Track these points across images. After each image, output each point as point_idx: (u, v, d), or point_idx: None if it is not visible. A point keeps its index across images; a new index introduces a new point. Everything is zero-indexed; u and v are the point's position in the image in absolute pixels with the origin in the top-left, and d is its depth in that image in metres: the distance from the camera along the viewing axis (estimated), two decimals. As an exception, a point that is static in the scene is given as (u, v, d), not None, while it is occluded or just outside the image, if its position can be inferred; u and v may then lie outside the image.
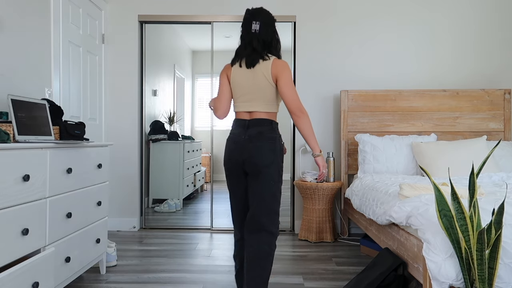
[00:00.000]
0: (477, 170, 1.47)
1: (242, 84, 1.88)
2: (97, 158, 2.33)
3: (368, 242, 2.94)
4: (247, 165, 1.84)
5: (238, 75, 1.90)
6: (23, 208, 1.64)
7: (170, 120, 3.90)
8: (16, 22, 2.34)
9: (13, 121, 1.83)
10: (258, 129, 1.84)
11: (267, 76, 1.85)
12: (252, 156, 1.81)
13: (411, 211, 1.81)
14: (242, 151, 1.83)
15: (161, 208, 3.86)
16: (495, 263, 1.35)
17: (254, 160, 1.81)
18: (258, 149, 1.81)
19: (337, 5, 3.65)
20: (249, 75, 1.87)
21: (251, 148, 1.82)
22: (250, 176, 1.85)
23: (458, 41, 3.64)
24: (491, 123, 3.47)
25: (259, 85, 1.85)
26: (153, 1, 3.64)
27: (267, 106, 1.88)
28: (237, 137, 1.87)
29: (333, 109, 3.66)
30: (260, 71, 1.85)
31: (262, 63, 1.86)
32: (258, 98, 1.86)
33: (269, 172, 1.81)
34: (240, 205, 1.95)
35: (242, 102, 1.89)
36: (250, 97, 1.87)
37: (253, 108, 1.87)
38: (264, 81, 1.85)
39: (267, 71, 1.85)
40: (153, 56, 3.77)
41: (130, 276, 2.45)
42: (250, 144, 1.82)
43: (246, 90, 1.87)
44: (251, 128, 1.84)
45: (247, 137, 1.84)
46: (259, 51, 1.86)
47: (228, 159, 1.90)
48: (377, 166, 3.18)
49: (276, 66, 1.85)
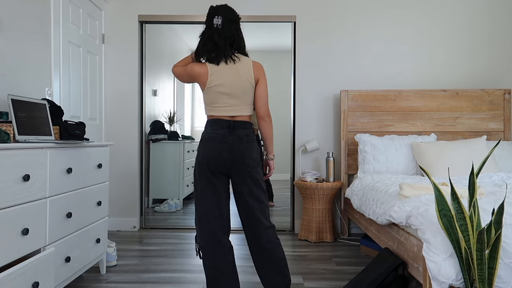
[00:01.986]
0: (477, 170, 1.47)
1: (224, 87, 1.80)
2: (97, 158, 2.33)
3: (368, 242, 2.94)
4: (236, 165, 1.78)
5: (219, 76, 1.80)
6: (23, 208, 1.64)
7: (170, 120, 3.90)
8: (16, 22, 2.34)
9: (13, 121, 1.83)
10: (244, 132, 1.81)
11: (249, 78, 1.81)
12: (244, 157, 1.78)
13: (411, 211, 1.81)
14: (232, 151, 1.77)
15: (161, 208, 3.86)
16: (495, 263, 1.35)
17: (246, 161, 1.79)
18: (249, 151, 1.80)
19: (337, 5, 3.65)
20: (232, 77, 1.80)
21: (242, 150, 1.78)
22: (238, 177, 1.81)
23: (458, 41, 3.64)
24: (491, 123, 3.47)
25: (244, 88, 1.81)
26: (153, 1, 3.64)
27: (249, 109, 1.86)
28: (222, 137, 1.78)
29: (333, 109, 3.66)
30: (243, 73, 1.81)
31: (241, 63, 1.82)
32: (242, 102, 1.82)
33: (258, 172, 1.83)
34: (219, 205, 1.83)
35: (224, 106, 1.81)
36: (234, 102, 1.81)
37: (237, 113, 1.82)
38: (247, 83, 1.81)
39: (250, 73, 1.82)
40: (153, 56, 3.77)
41: (130, 276, 2.45)
42: (240, 145, 1.78)
43: (229, 93, 1.80)
44: (237, 130, 1.79)
45: (236, 138, 1.78)
46: (222, 47, 1.80)
47: (214, 158, 1.77)
48: (377, 166, 3.18)
49: (257, 68, 1.84)
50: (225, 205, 1.84)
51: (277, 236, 1.86)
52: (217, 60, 1.80)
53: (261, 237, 1.81)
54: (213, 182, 1.81)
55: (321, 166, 3.66)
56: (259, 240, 1.81)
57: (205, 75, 1.80)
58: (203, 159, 1.79)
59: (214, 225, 1.80)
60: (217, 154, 1.77)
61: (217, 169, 1.79)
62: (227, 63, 1.80)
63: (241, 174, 1.80)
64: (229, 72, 1.80)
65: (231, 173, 1.81)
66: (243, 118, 1.83)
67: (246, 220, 1.84)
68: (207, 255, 1.79)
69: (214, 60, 1.81)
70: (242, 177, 1.80)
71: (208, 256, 1.79)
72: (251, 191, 1.81)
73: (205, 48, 1.83)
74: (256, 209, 1.81)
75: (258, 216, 1.81)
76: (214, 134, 1.79)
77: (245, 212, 1.83)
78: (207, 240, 1.79)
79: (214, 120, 1.82)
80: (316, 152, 3.66)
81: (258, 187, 1.82)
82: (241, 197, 1.82)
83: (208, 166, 1.79)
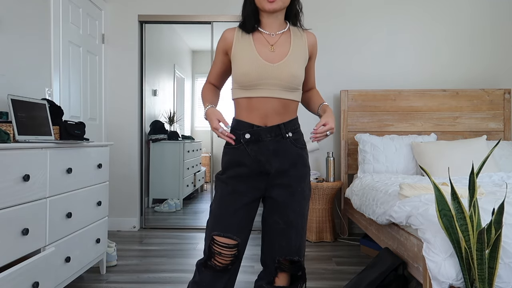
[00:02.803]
0: (477, 170, 1.47)
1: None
2: (97, 158, 2.33)
3: (368, 242, 2.94)
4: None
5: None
6: (23, 208, 1.64)
7: (170, 120, 3.90)
8: (16, 22, 2.34)
9: (13, 121, 1.83)
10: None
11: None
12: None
13: (411, 210, 1.81)
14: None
15: (161, 208, 3.86)
16: (495, 263, 1.35)
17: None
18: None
19: (337, 5, 3.65)
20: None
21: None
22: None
23: (458, 40, 3.64)
24: (491, 123, 3.47)
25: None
26: (153, 1, 3.64)
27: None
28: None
29: (333, 109, 3.66)
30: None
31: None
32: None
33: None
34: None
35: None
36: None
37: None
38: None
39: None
40: (153, 56, 3.77)
41: (130, 276, 2.45)
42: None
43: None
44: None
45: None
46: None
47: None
48: (377, 166, 3.18)
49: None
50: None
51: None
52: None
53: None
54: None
55: (321, 166, 3.66)
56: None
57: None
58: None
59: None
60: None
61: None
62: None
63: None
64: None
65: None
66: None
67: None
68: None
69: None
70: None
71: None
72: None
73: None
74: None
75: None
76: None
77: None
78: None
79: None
80: (316, 152, 3.66)
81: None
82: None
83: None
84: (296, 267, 1.39)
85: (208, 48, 3.76)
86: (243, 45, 1.39)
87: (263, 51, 1.36)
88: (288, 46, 1.39)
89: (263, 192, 1.39)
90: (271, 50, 1.37)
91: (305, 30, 1.47)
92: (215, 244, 1.34)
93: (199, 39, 3.87)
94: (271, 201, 1.38)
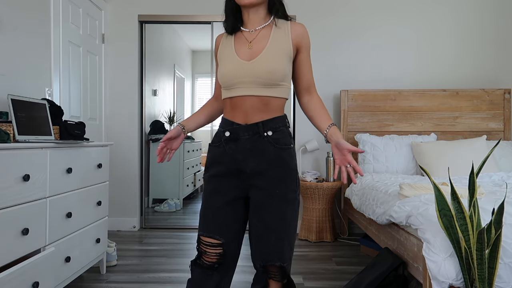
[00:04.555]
0: (477, 170, 1.47)
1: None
2: (97, 158, 2.33)
3: (368, 242, 2.94)
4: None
5: None
6: (23, 208, 1.64)
7: (170, 120, 3.90)
8: (16, 22, 2.34)
9: (13, 121, 1.83)
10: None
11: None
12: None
13: (411, 210, 1.81)
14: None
15: (161, 208, 3.86)
16: (495, 263, 1.35)
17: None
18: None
19: (337, 5, 3.65)
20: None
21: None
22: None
23: (458, 40, 3.64)
24: (491, 123, 3.47)
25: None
26: (153, 1, 3.64)
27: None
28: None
29: (333, 109, 3.66)
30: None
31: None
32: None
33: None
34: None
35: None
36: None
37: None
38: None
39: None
40: (153, 56, 3.77)
41: (130, 276, 2.45)
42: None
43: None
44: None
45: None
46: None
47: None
48: (377, 166, 3.18)
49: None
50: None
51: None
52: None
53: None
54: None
55: (321, 166, 3.66)
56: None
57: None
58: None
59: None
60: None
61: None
62: None
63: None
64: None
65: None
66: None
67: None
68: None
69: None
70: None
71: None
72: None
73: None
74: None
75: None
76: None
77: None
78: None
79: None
80: (316, 152, 3.66)
81: None
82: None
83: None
84: (280, 274, 1.32)
85: (208, 48, 3.76)
86: (225, 47, 1.38)
87: (241, 50, 1.33)
88: (266, 41, 1.33)
89: (245, 191, 1.36)
90: (249, 47, 1.33)
91: (292, 21, 1.39)
92: (202, 243, 1.35)
93: (199, 39, 3.87)
94: (251, 203, 1.35)
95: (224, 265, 1.36)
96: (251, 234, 1.36)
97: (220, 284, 1.37)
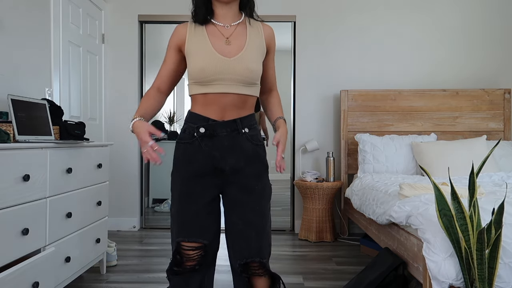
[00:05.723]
0: (477, 170, 1.47)
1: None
2: (97, 158, 2.33)
3: (368, 242, 2.94)
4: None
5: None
6: (23, 208, 1.64)
7: (170, 120, 3.90)
8: (16, 22, 2.34)
9: (13, 121, 1.83)
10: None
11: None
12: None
13: (411, 210, 1.81)
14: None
15: (161, 208, 3.86)
16: (495, 263, 1.35)
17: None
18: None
19: (337, 5, 3.65)
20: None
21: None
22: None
23: (458, 40, 3.64)
24: (491, 123, 3.47)
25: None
26: (153, 1, 3.64)
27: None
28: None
29: (333, 109, 3.66)
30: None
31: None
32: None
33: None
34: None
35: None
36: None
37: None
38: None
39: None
40: (153, 56, 3.77)
41: (130, 276, 2.45)
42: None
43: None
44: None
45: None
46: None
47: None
48: (377, 166, 3.18)
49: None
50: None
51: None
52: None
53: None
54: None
55: (321, 166, 3.66)
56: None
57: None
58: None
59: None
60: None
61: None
62: None
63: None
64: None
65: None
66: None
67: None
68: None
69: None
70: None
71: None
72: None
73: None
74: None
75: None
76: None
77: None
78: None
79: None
80: (316, 152, 3.66)
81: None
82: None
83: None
84: (261, 269, 1.30)
85: (208, 48, 3.76)
86: (197, 39, 1.30)
87: (218, 45, 1.28)
88: (244, 38, 1.31)
89: (221, 188, 1.33)
90: (227, 43, 1.29)
91: (261, 22, 1.39)
92: (182, 249, 1.30)
93: (199, 39, 3.87)
94: (228, 201, 1.33)
95: (205, 263, 1.33)
96: (229, 232, 1.33)
97: (203, 281, 1.34)
